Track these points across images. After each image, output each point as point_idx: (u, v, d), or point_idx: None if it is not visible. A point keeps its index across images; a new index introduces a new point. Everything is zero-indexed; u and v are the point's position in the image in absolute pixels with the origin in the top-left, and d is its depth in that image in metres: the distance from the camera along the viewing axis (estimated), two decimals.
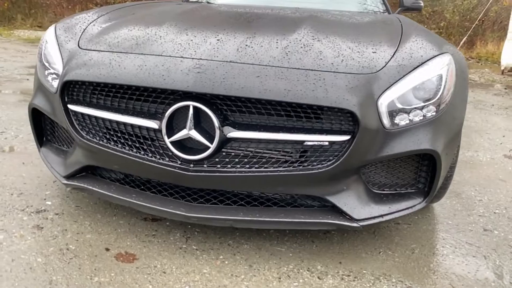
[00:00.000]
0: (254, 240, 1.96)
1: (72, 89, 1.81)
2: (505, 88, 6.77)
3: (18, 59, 6.54)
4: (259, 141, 1.63)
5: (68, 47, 1.96)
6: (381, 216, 1.78)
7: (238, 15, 2.36)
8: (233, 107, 1.62)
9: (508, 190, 2.72)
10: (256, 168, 1.65)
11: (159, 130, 1.65)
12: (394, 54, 1.85)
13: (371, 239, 2.05)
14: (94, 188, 1.85)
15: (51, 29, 2.16)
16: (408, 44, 1.94)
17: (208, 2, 3.19)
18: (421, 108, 1.75)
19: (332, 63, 1.72)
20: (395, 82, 1.72)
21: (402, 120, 1.72)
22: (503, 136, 3.99)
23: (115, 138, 1.77)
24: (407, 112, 1.73)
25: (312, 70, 1.67)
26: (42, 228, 1.94)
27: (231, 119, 1.63)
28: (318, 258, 1.86)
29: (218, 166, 1.66)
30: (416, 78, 1.75)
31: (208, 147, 1.62)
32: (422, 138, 1.76)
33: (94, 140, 1.80)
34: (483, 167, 3.13)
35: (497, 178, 2.93)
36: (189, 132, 1.60)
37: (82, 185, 1.89)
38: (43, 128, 2.20)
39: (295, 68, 1.66)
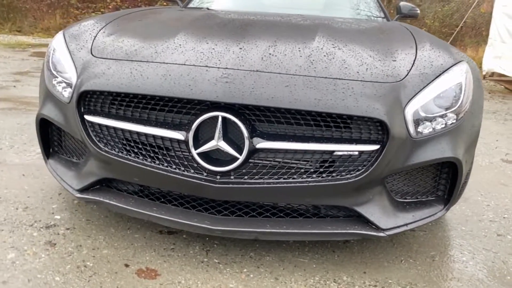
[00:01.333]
0: (276, 252, 1.92)
1: (89, 99, 1.74)
2: (489, 93, 6.95)
3: (1, 65, 6.34)
4: (288, 151, 1.60)
5: (81, 56, 1.89)
6: (406, 225, 1.78)
7: (250, 23, 2.32)
8: (262, 117, 1.59)
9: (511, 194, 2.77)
10: (284, 179, 1.62)
11: (184, 141, 1.60)
12: (414, 62, 1.86)
13: (390, 247, 2.04)
14: (111, 202, 1.78)
15: (59, 36, 2.09)
16: (426, 53, 1.95)
17: (208, 9, 3.15)
18: (443, 116, 1.76)
19: (358, 72, 1.71)
20: (420, 91, 1.72)
21: (425, 129, 1.72)
22: (497, 141, 4.07)
23: (136, 150, 1.71)
24: (430, 120, 1.73)
25: (339, 79, 1.65)
26: (55, 244, 1.85)
27: (259, 129, 1.60)
28: (342, 269, 1.84)
29: (246, 177, 1.62)
30: (438, 87, 1.76)
31: (237, 158, 1.58)
32: (445, 146, 1.76)
33: (113, 151, 1.73)
34: (484, 172, 3.18)
35: (499, 182, 2.98)
36: (218, 143, 1.56)
37: (97, 198, 1.81)
38: (50, 139, 2.12)
39: (322, 77, 1.65)
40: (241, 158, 1.57)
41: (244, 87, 1.56)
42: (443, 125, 1.76)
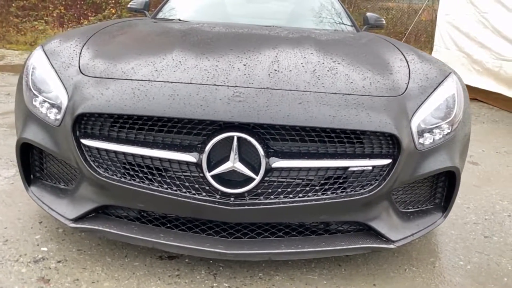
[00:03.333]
0: (283, 270, 1.88)
1: (85, 122, 1.62)
2: None
3: None
4: (303, 169, 1.58)
5: (69, 74, 1.76)
6: (412, 235, 1.81)
7: (241, 37, 2.28)
8: (276, 136, 1.55)
9: (485, 195, 2.90)
10: (299, 197, 1.59)
11: (197, 164, 1.53)
12: (409, 75, 1.90)
13: (391, 256, 2.06)
14: (111, 231, 1.67)
15: (39, 53, 1.93)
16: (418, 65, 2.00)
17: (180, 20, 3.07)
18: (440, 127, 1.81)
19: (363, 86, 1.72)
20: (422, 103, 1.76)
21: (426, 140, 1.76)
22: None
23: (140, 174, 1.61)
24: (429, 132, 1.78)
25: (348, 94, 1.65)
26: (49, 280, 1.70)
27: (273, 148, 1.56)
28: (352, 283, 1.83)
29: (261, 197, 1.57)
30: (436, 99, 1.81)
31: (253, 179, 1.53)
32: (445, 156, 1.81)
33: (114, 177, 1.62)
34: None
35: (472, 184, 3.13)
36: (234, 164, 1.50)
37: (95, 227, 1.69)
38: (30, 164, 1.95)
39: (332, 93, 1.64)
40: (258, 178, 1.52)
41: (258, 106, 1.52)
42: (441, 136, 1.80)
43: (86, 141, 1.61)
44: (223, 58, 1.83)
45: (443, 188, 1.95)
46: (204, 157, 1.50)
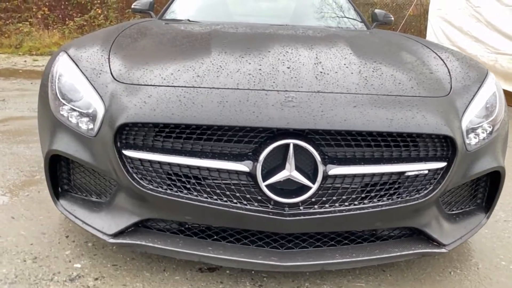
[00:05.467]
0: (329, 278, 1.82)
1: (128, 132, 1.53)
2: None
3: None
4: (359, 175, 1.52)
5: (102, 81, 1.66)
6: (461, 237, 1.77)
7: (270, 37, 2.20)
8: (330, 141, 1.49)
9: (509, 191, 2.89)
10: (355, 205, 1.53)
11: (250, 173, 1.46)
12: (450, 74, 1.86)
13: (433, 259, 2.02)
14: (155, 245, 1.58)
15: (64, 58, 1.83)
16: (454, 63, 1.96)
17: (189, 20, 2.98)
18: (483, 127, 1.77)
19: (412, 87, 1.67)
20: (469, 103, 1.72)
21: (474, 140, 1.72)
22: None
23: (188, 186, 1.52)
24: (474, 131, 1.74)
25: (400, 95, 1.60)
26: None
27: (329, 154, 1.49)
28: None
29: (315, 206, 1.51)
30: (481, 98, 1.77)
31: (309, 188, 1.46)
32: (492, 155, 1.78)
33: (159, 189, 1.54)
34: None
35: None
36: (291, 173, 1.43)
37: (138, 242, 1.60)
38: (58, 176, 1.85)
39: (384, 95, 1.58)
40: (315, 187, 1.45)
41: (313, 111, 1.45)
42: (485, 135, 1.77)
43: (128, 152, 1.52)
44: (264, 61, 1.75)
45: (484, 188, 1.92)
46: (259, 166, 1.43)
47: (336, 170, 1.47)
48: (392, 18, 3.85)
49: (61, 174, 1.85)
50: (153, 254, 1.87)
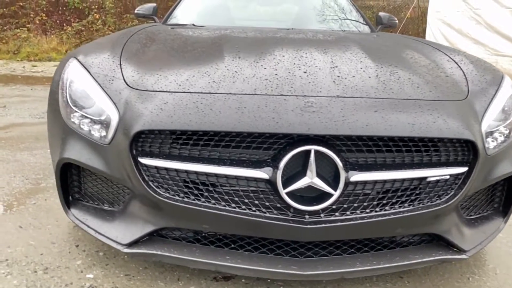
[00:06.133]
0: (346, 286, 1.79)
1: (144, 140, 1.49)
2: None
3: None
4: (381, 181, 1.49)
5: (115, 88, 1.63)
6: (481, 243, 1.74)
7: (279, 41, 2.18)
8: (352, 147, 1.46)
9: None
10: (376, 212, 1.50)
11: (269, 180, 1.43)
12: (465, 77, 1.84)
13: (450, 265, 1.99)
14: (172, 255, 1.55)
15: (74, 64, 1.79)
16: (469, 66, 1.94)
17: (194, 25, 2.96)
18: (500, 131, 1.75)
19: (430, 91, 1.65)
20: (488, 106, 1.69)
21: (492, 144, 1.70)
22: None
23: (205, 193, 1.49)
24: (492, 135, 1.71)
25: (420, 99, 1.57)
26: None
27: (350, 160, 1.46)
28: None
29: (336, 214, 1.48)
30: (499, 101, 1.75)
31: (330, 195, 1.43)
32: (509, 159, 1.76)
33: (176, 197, 1.50)
34: None
35: None
36: (312, 180, 1.40)
37: (154, 252, 1.56)
38: (68, 185, 1.81)
39: (404, 99, 1.56)
40: (336, 194, 1.42)
41: (334, 116, 1.42)
42: (503, 139, 1.74)
43: (144, 160, 1.49)
44: (279, 65, 1.72)
45: (501, 192, 1.89)
46: (279, 173, 1.40)
47: (358, 176, 1.44)
48: (397, 21, 3.84)
49: (72, 183, 1.81)
50: (166, 263, 1.83)
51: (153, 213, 1.58)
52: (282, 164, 1.39)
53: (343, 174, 1.41)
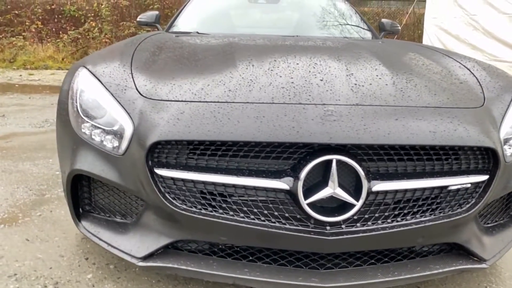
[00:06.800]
0: None
1: (160, 151, 1.46)
2: None
3: None
4: (402, 191, 1.46)
5: (128, 97, 1.59)
6: (500, 251, 1.72)
7: (291, 49, 2.16)
8: (373, 156, 1.43)
9: None
10: (397, 221, 1.47)
11: (290, 191, 1.40)
12: (480, 84, 1.82)
13: (466, 273, 1.96)
14: (188, 268, 1.51)
15: (84, 73, 1.75)
16: (482, 73, 1.93)
17: (198, 33, 2.94)
18: None
19: (448, 98, 1.63)
20: (505, 113, 1.68)
21: (509, 151, 1.68)
22: None
23: (223, 205, 1.46)
24: (509, 142, 1.70)
25: (439, 107, 1.55)
26: None
27: (372, 170, 1.44)
28: None
29: (358, 224, 1.45)
30: None
31: (352, 205, 1.40)
32: None
33: (193, 209, 1.47)
34: None
35: None
36: (335, 190, 1.37)
37: (170, 265, 1.52)
38: (79, 197, 1.77)
39: (423, 107, 1.54)
40: (359, 204, 1.40)
41: (355, 125, 1.40)
42: None
43: (160, 171, 1.45)
44: (295, 73, 1.70)
45: None
46: (300, 183, 1.37)
47: (380, 186, 1.41)
48: (399, 27, 3.85)
49: (82, 194, 1.78)
50: (181, 276, 1.79)
51: (168, 225, 1.54)
52: (303, 174, 1.36)
53: (365, 184, 1.38)
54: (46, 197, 2.63)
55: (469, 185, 1.51)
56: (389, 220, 1.46)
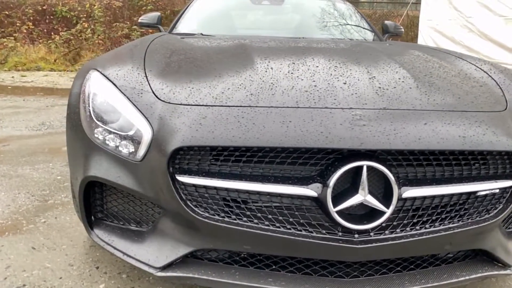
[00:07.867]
0: None
1: (182, 157, 1.40)
2: None
3: None
4: (432, 197, 1.43)
5: (146, 102, 1.54)
6: None
7: (306, 51, 2.11)
8: (402, 162, 1.39)
9: None
10: (426, 228, 1.44)
11: (318, 198, 1.35)
12: (500, 87, 1.80)
13: (487, 280, 1.93)
14: (210, 278, 1.46)
15: (96, 76, 1.69)
16: (500, 76, 1.91)
17: (202, 34, 2.89)
18: None
19: (472, 102, 1.60)
20: None
21: None
22: None
23: (247, 213, 1.41)
24: None
25: (465, 111, 1.52)
26: None
27: (400, 175, 1.40)
28: None
29: (386, 232, 1.41)
30: None
31: (382, 212, 1.36)
32: None
33: (216, 217, 1.41)
34: None
35: None
36: (365, 197, 1.33)
37: (190, 275, 1.47)
38: (91, 204, 1.71)
39: (450, 111, 1.50)
40: (389, 211, 1.35)
41: (385, 130, 1.36)
42: None
43: (182, 178, 1.40)
44: (316, 76, 1.66)
45: None
46: (329, 191, 1.33)
47: (410, 192, 1.38)
48: (402, 30, 3.84)
49: (94, 201, 1.71)
50: (201, 286, 1.73)
51: (188, 234, 1.49)
52: (332, 181, 1.32)
53: (396, 191, 1.34)
54: (50, 203, 2.55)
55: (497, 191, 1.48)
56: (417, 227, 1.43)
